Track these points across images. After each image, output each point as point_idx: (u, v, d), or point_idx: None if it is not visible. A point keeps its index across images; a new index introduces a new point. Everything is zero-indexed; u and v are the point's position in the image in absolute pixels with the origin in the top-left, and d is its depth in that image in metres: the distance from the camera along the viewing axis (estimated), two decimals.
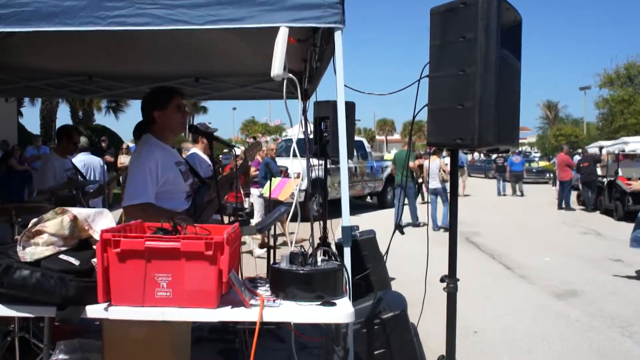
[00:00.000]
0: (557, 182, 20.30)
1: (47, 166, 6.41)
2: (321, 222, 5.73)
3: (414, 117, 3.18)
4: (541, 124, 71.60)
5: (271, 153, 12.18)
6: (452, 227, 3.25)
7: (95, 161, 8.41)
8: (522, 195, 24.21)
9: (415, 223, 14.28)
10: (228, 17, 2.77)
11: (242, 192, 8.74)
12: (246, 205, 10.16)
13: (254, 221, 9.96)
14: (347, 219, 2.90)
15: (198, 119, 50.02)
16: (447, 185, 15.80)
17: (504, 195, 25.11)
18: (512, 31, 3.02)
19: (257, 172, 11.14)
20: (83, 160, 8.01)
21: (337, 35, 2.83)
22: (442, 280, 3.24)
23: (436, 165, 13.75)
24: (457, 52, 2.87)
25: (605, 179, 18.32)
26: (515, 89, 3.12)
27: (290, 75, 2.88)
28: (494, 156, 27.94)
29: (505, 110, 2.93)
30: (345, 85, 2.91)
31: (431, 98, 3.03)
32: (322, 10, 2.78)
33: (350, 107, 4.96)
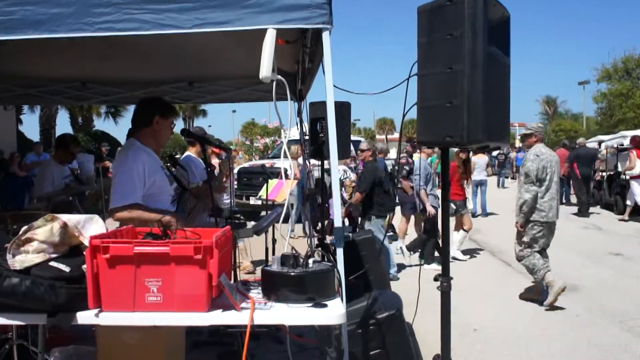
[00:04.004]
0: None
1: (46, 172, 6.45)
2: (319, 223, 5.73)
3: (403, 116, 3.18)
4: (540, 119, 71.32)
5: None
6: (444, 227, 3.25)
7: None
8: None
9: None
10: (215, 20, 2.77)
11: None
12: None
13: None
14: (338, 220, 2.89)
15: (198, 123, 50.05)
16: (489, 179, 17.52)
17: (504, 188, 26.41)
18: (499, 27, 3.01)
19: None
20: None
21: (325, 36, 2.82)
22: (435, 279, 3.24)
23: (484, 161, 15.81)
24: (445, 50, 2.87)
25: (605, 174, 18.26)
26: (505, 86, 3.11)
27: (279, 77, 2.87)
28: (494, 153, 28.47)
29: (495, 107, 2.92)
30: (334, 86, 2.90)
31: (420, 96, 3.03)
32: (310, 11, 2.77)
33: (345, 107, 4.96)
